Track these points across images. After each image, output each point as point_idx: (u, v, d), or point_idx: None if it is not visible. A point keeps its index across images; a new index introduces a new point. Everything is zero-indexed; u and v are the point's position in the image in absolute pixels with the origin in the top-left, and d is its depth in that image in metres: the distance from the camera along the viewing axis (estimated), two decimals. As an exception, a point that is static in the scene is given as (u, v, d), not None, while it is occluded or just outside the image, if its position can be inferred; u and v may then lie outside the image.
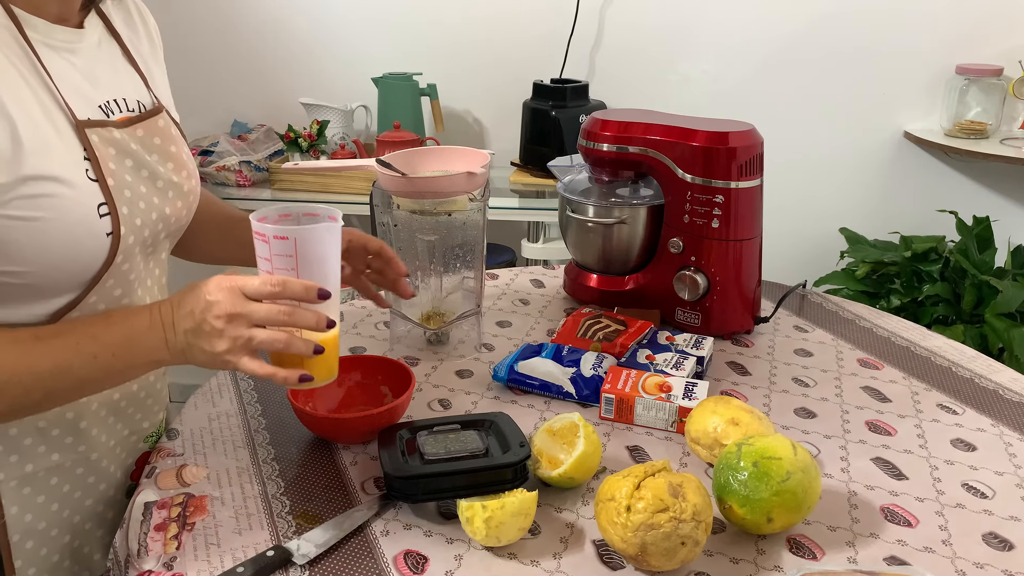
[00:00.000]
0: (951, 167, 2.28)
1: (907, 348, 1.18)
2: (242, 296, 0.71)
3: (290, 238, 0.72)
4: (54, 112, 0.75)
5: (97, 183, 0.76)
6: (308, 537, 0.76)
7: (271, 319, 0.72)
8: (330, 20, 2.37)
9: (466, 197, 1.05)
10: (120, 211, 0.78)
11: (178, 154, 0.89)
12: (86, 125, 0.77)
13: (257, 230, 0.73)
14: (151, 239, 0.85)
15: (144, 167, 0.83)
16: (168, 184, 0.86)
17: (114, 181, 0.78)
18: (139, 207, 0.81)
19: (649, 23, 2.27)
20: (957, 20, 2.15)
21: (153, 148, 0.85)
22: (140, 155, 0.83)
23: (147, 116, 0.86)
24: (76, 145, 0.76)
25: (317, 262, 0.74)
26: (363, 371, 1.00)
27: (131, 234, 0.80)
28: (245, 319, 0.71)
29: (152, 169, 0.84)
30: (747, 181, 1.13)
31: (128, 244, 0.80)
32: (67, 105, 0.76)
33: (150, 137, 0.85)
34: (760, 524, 0.75)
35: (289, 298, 0.72)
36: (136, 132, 0.83)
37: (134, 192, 0.81)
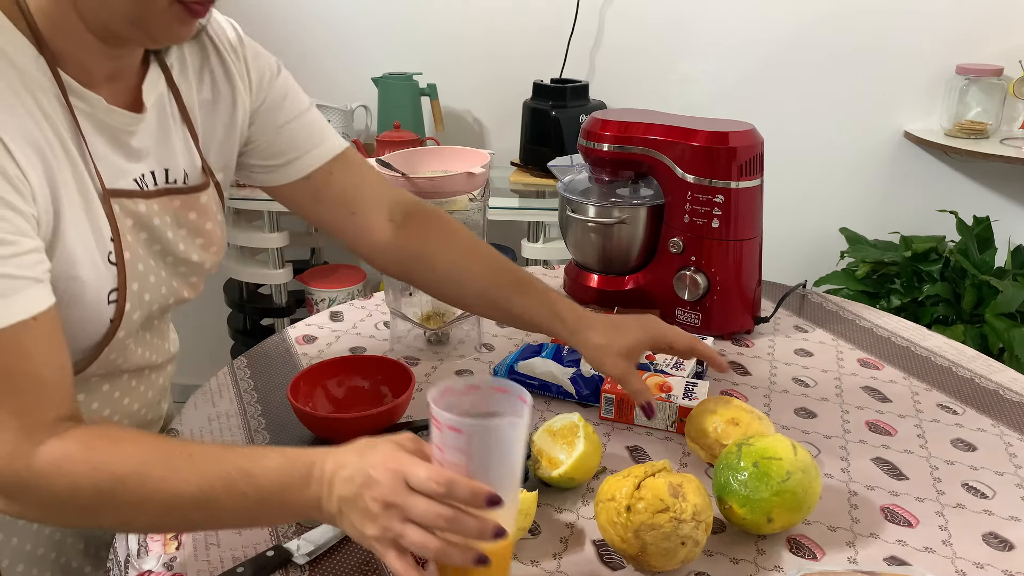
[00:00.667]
0: (951, 167, 2.28)
1: (907, 348, 1.18)
2: (404, 485, 0.61)
3: (464, 432, 0.62)
4: (87, 184, 0.72)
5: (115, 267, 0.74)
6: (308, 537, 0.76)
7: (429, 520, 0.61)
8: (330, 20, 2.37)
9: (466, 197, 1.05)
10: (130, 288, 0.76)
11: (213, 230, 0.86)
12: (112, 195, 0.74)
13: (433, 414, 0.63)
14: (158, 311, 0.84)
15: (158, 242, 0.80)
16: (181, 261, 0.84)
17: (130, 256, 0.76)
18: (150, 281, 0.80)
19: (649, 23, 2.27)
20: (957, 20, 2.14)
21: (185, 222, 0.83)
22: (159, 231, 0.80)
23: (190, 191, 0.83)
24: (104, 223, 0.74)
25: (494, 462, 0.64)
26: (363, 371, 1.00)
27: (136, 310, 0.78)
28: (400, 512, 0.61)
29: (167, 245, 0.81)
30: (747, 181, 1.13)
31: (132, 321, 0.78)
32: (97, 173, 0.73)
33: (186, 211, 0.83)
34: (760, 524, 0.75)
35: (455, 501, 0.61)
36: (172, 203, 0.81)
37: (147, 266, 0.79)
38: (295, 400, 0.91)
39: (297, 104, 0.92)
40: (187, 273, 0.86)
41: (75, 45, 0.70)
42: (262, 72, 0.89)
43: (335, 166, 0.93)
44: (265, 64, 0.89)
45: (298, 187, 0.93)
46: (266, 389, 1.05)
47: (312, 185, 0.93)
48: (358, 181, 0.96)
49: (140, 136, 0.78)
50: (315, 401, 0.96)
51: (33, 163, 0.66)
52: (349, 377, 1.00)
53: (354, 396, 0.99)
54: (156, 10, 0.68)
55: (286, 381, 0.96)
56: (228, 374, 1.09)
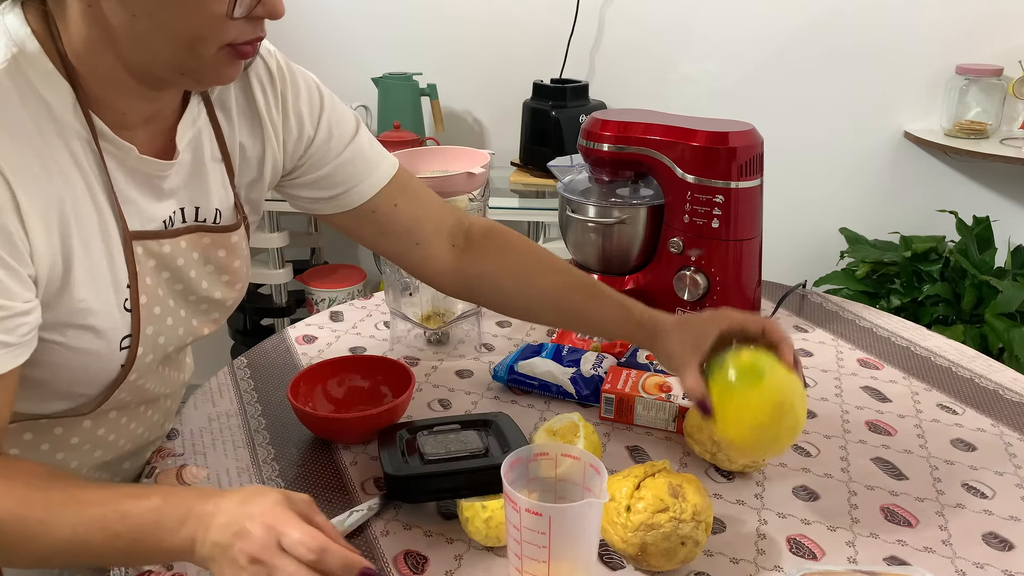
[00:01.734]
0: (951, 167, 2.28)
1: (907, 348, 1.18)
2: (277, 543, 0.60)
3: (544, 516, 0.63)
4: (111, 229, 0.72)
5: (130, 314, 0.74)
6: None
7: None
8: (330, 20, 2.37)
9: (466, 197, 1.05)
10: (144, 333, 0.75)
11: (240, 268, 0.85)
12: (134, 237, 0.73)
13: (509, 495, 0.65)
14: (174, 351, 0.83)
15: (180, 281, 0.79)
16: (204, 299, 0.83)
17: (147, 299, 0.75)
18: (166, 323, 0.79)
19: (649, 23, 2.27)
20: (957, 20, 2.14)
21: (213, 259, 0.82)
22: (182, 270, 0.79)
23: (221, 230, 0.82)
24: (123, 270, 0.73)
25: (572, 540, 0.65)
26: (363, 371, 1.00)
27: (150, 353, 0.77)
28: (266, 570, 0.59)
29: (190, 284, 0.80)
30: (747, 181, 1.13)
31: (145, 364, 0.78)
32: (122, 218, 0.72)
33: (215, 249, 0.81)
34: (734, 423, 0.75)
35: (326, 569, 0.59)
36: (201, 240, 0.80)
37: (164, 308, 0.78)
38: (295, 400, 0.91)
39: (343, 134, 0.88)
40: (208, 310, 0.84)
41: (113, 90, 0.69)
42: (301, 113, 0.85)
43: (400, 198, 0.91)
44: (305, 100, 0.86)
45: (360, 218, 0.91)
46: (266, 389, 1.05)
47: (378, 219, 0.91)
48: (421, 212, 0.93)
49: (172, 178, 0.77)
50: (315, 401, 0.96)
51: (47, 220, 0.65)
52: (349, 377, 1.00)
53: (354, 396, 0.99)
54: (206, 57, 0.66)
55: (286, 381, 0.96)
56: (228, 374, 1.09)
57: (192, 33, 0.64)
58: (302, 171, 0.88)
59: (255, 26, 0.69)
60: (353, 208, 0.90)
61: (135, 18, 0.63)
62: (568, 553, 0.66)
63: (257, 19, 0.68)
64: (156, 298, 0.76)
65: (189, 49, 0.65)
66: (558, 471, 0.71)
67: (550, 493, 0.71)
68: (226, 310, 0.86)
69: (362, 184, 0.89)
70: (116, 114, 0.70)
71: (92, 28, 0.65)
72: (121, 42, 0.65)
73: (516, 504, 0.65)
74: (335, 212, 0.90)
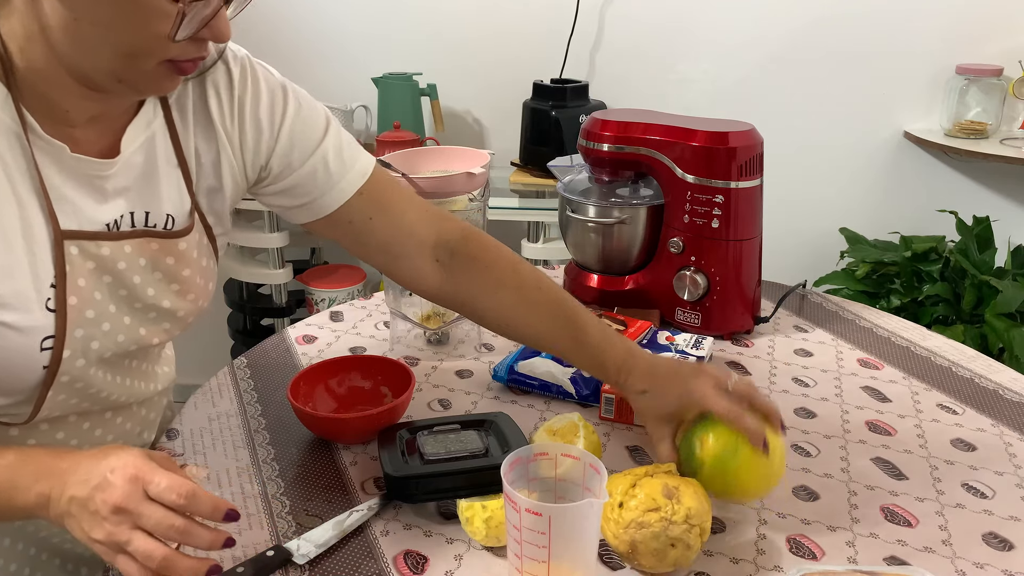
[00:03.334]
0: (951, 167, 2.28)
1: (907, 348, 1.18)
2: (142, 492, 0.61)
3: (544, 515, 0.64)
4: (36, 226, 0.69)
5: (54, 314, 0.70)
6: (308, 537, 0.76)
7: (161, 530, 0.61)
8: (330, 20, 2.37)
9: (466, 197, 1.05)
10: (71, 335, 0.72)
11: (190, 277, 0.81)
12: (67, 236, 0.71)
13: (509, 495, 0.66)
14: (116, 357, 0.79)
15: (124, 287, 0.76)
16: (151, 307, 0.79)
17: (77, 301, 0.72)
18: (101, 328, 0.75)
19: (649, 23, 2.27)
20: (957, 20, 2.14)
21: (160, 266, 0.78)
22: (125, 275, 0.76)
23: (169, 235, 0.79)
24: (48, 269, 0.70)
25: (574, 540, 0.66)
26: (363, 371, 1.00)
27: (80, 357, 0.74)
28: (131, 518, 0.60)
29: (135, 291, 0.77)
30: (747, 181, 1.13)
31: (76, 367, 0.74)
32: (52, 215, 0.70)
33: (163, 255, 0.78)
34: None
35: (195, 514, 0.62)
36: (148, 246, 0.77)
37: (100, 312, 0.74)
38: (295, 400, 0.91)
39: (308, 144, 0.85)
40: (158, 319, 0.80)
41: (52, 87, 0.68)
42: (260, 121, 0.82)
43: (375, 211, 0.88)
44: (266, 108, 0.82)
45: (338, 228, 0.88)
46: (266, 389, 1.05)
47: (355, 230, 0.88)
48: (400, 226, 0.90)
49: (117, 179, 0.75)
50: (315, 401, 0.96)
51: None
52: (349, 377, 1.00)
53: (354, 396, 0.99)
54: (145, 69, 0.66)
55: (286, 381, 0.96)
56: (228, 374, 1.09)
57: (134, 46, 0.64)
58: (268, 180, 0.86)
59: (199, 46, 0.68)
60: (325, 217, 0.87)
61: (78, 22, 0.63)
62: (568, 553, 0.66)
63: (201, 40, 0.67)
64: (90, 301, 0.73)
65: (129, 60, 0.65)
66: (558, 471, 0.71)
67: (550, 493, 0.71)
68: (178, 321, 0.82)
69: (326, 196, 0.86)
70: (58, 111, 0.70)
71: (33, 23, 0.65)
72: (61, 42, 0.65)
73: (516, 504, 0.65)
74: (309, 220, 0.88)
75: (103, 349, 0.76)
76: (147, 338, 0.80)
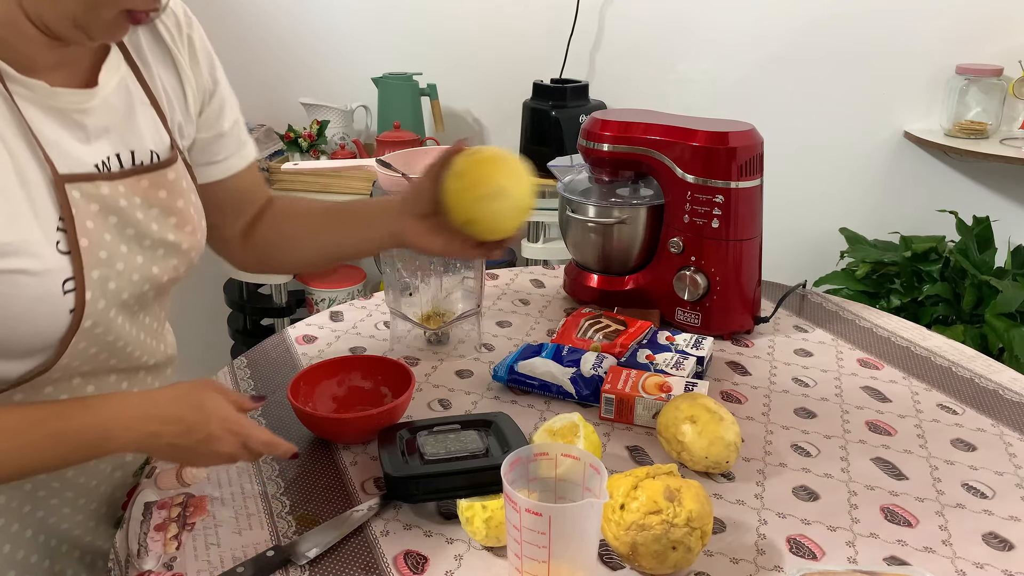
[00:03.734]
0: (951, 167, 2.28)
1: (907, 348, 1.18)
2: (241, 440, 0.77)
3: (544, 516, 0.64)
4: (31, 172, 0.70)
5: (68, 255, 0.72)
6: (308, 537, 0.76)
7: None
8: (330, 20, 2.37)
9: (466, 197, 1.05)
10: (89, 276, 0.74)
11: (185, 208, 0.84)
12: (67, 180, 0.72)
13: (509, 496, 0.66)
14: (133, 299, 0.80)
15: (130, 225, 0.78)
16: (159, 243, 0.81)
17: (89, 243, 0.73)
18: (116, 268, 0.77)
19: (649, 23, 2.27)
20: (957, 20, 2.14)
21: (155, 202, 0.81)
22: (128, 212, 0.78)
23: (157, 168, 0.81)
24: (51, 213, 0.71)
25: (574, 540, 0.66)
26: (363, 371, 1.00)
27: (102, 299, 0.76)
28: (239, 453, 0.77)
29: (141, 228, 0.79)
30: (747, 181, 1.13)
31: (98, 310, 0.75)
32: (47, 160, 0.71)
33: (155, 191, 0.81)
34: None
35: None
36: (139, 184, 0.79)
37: (112, 253, 0.76)
38: (295, 400, 0.91)
39: (232, 99, 0.94)
40: (166, 256, 0.83)
41: (16, 36, 0.70)
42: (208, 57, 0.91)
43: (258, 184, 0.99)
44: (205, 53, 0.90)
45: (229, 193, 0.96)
46: (266, 389, 1.05)
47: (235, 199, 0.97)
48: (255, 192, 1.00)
49: (97, 115, 0.77)
50: (315, 401, 0.96)
51: None
52: (349, 377, 1.00)
53: (354, 396, 0.99)
54: (104, 18, 0.70)
55: (286, 381, 0.96)
56: (228, 374, 1.09)
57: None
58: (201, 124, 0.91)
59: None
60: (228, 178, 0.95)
61: None
62: (568, 553, 0.66)
63: None
64: (101, 243, 0.75)
65: (91, 8, 0.68)
66: (558, 471, 0.71)
67: (550, 493, 0.72)
68: (183, 255, 0.85)
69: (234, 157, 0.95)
70: (24, 58, 0.71)
71: None
72: None
73: (516, 504, 0.65)
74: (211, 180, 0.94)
75: (120, 289, 0.78)
76: (159, 276, 0.83)
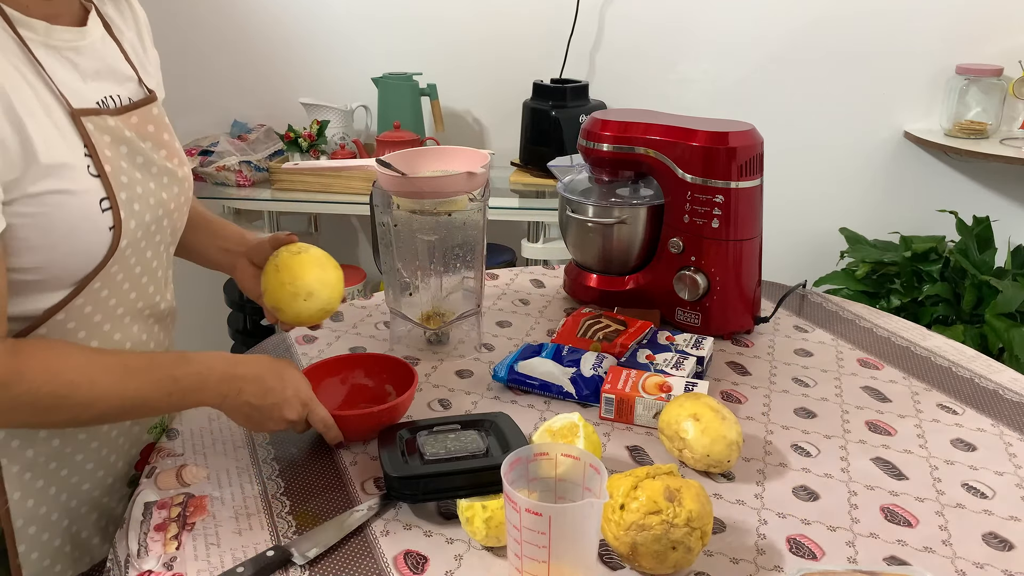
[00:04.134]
0: (951, 167, 2.28)
1: (907, 348, 1.18)
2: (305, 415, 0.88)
3: (544, 515, 0.64)
4: (52, 106, 0.76)
5: (99, 178, 0.78)
6: (308, 537, 0.76)
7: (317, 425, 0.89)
8: (330, 20, 2.37)
9: (466, 197, 1.05)
10: (119, 197, 0.80)
11: (171, 142, 0.91)
12: (82, 114, 0.78)
13: (509, 496, 0.66)
14: (152, 225, 0.87)
15: (139, 154, 0.85)
16: (162, 171, 0.88)
17: (111, 168, 0.80)
18: (136, 192, 0.83)
19: (649, 23, 2.27)
20: (957, 20, 2.15)
21: (147, 136, 0.87)
22: (134, 142, 0.85)
23: (141, 104, 0.88)
24: (76, 140, 0.77)
25: (574, 539, 0.66)
26: (366, 369, 1.00)
27: (131, 219, 0.82)
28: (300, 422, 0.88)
29: (147, 156, 0.86)
30: (747, 181, 1.13)
31: (130, 229, 0.82)
32: (63, 96, 0.77)
33: (144, 125, 0.87)
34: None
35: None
36: (131, 119, 0.85)
37: (131, 179, 0.82)
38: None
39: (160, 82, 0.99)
40: (170, 183, 0.89)
41: None
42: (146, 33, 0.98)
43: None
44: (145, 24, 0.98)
45: None
46: (266, 389, 1.05)
47: None
48: None
49: (87, 57, 0.83)
50: (320, 398, 0.96)
51: None
52: (353, 375, 1.00)
53: (358, 394, 0.99)
54: None
55: (286, 381, 0.96)
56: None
57: None
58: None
59: None
60: None
61: None
62: (568, 553, 0.66)
63: None
64: (120, 169, 0.81)
65: None
66: (558, 471, 0.71)
67: (550, 493, 0.71)
68: (181, 183, 0.92)
69: None
70: (19, 6, 0.76)
71: None
72: None
73: (516, 504, 0.65)
74: None
75: (143, 211, 0.84)
76: (168, 203, 0.89)
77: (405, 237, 1.08)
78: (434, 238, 1.08)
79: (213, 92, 2.44)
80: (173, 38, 1.06)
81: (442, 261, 1.10)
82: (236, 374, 0.83)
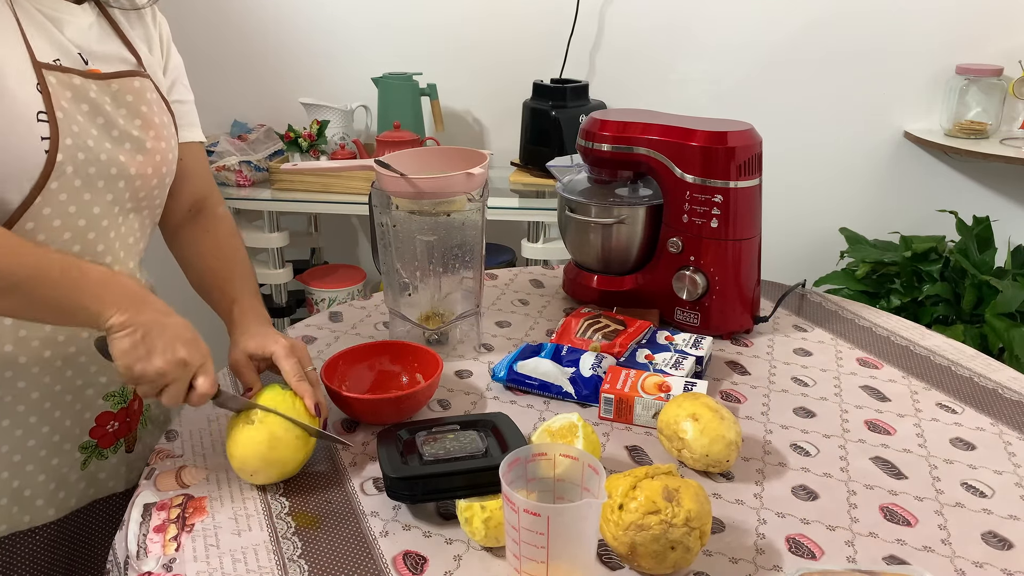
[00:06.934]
0: (951, 167, 2.28)
1: (906, 347, 1.18)
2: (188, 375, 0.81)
3: (542, 516, 0.64)
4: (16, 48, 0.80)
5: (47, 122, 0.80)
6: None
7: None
8: (330, 20, 2.37)
9: (465, 197, 1.05)
10: (63, 143, 0.81)
11: (149, 115, 0.92)
12: (44, 67, 0.81)
13: (507, 496, 0.66)
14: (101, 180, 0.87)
15: (100, 115, 0.86)
16: (125, 136, 0.89)
17: (63, 115, 0.82)
18: (86, 144, 0.84)
19: (649, 23, 2.27)
20: (957, 20, 2.15)
21: (123, 103, 0.89)
22: (98, 103, 0.86)
23: (125, 74, 0.90)
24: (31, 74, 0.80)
25: (572, 540, 0.66)
26: (392, 356, 1.04)
27: (70, 164, 0.83)
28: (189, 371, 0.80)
29: (109, 119, 0.87)
30: (746, 181, 1.13)
31: (65, 172, 0.82)
32: (28, 45, 0.80)
33: (123, 93, 0.89)
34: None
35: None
36: (110, 85, 0.88)
37: (83, 130, 0.84)
38: (328, 382, 0.95)
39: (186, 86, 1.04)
40: (133, 150, 0.90)
41: None
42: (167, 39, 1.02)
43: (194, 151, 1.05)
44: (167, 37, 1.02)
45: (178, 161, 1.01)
46: (266, 389, 1.05)
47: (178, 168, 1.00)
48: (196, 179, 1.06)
49: (73, 29, 0.87)
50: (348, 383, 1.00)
51: None
52: (379, 361, 1.03)
53: (385, 380, 1.03)
54: None
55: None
56: (228, 374, 1.09)
57: None
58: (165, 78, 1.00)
59: None
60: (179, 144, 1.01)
61: None
62: (567, 553, 0.66)
63: None
64: (74, 120, 0.83)
65: None
66: (557, 471, 0.71)
67: (549, 493, 0.72)
68: (148, 154, 0.92)
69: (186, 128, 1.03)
70: None
71: None
72: None
73: (514, 504, 0.65)
74: None
75: (88, 162, 0.85)
76: (126, 165, 0.89)
77: (404, 237, 1.08)
78: (433, 238, 1.08)
79: (213, 92, 2.44)
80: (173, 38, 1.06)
81: (441, 261, 1.10)
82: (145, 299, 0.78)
